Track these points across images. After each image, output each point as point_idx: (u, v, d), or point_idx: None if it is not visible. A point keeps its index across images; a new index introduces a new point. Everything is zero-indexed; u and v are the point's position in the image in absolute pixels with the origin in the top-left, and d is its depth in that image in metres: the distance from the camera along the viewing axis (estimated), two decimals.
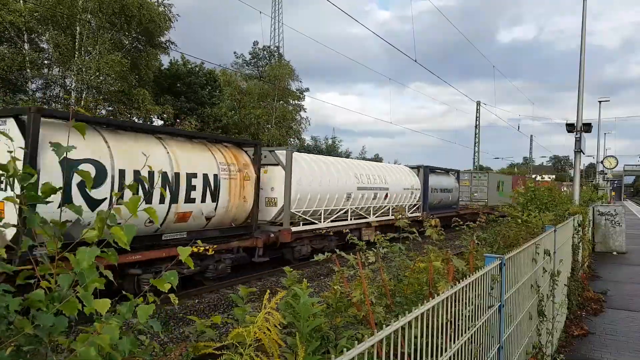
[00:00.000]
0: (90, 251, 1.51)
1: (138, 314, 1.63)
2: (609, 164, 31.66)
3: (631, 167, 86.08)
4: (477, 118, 62.60)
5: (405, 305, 2.86)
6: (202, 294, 11.24)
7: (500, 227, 6.20)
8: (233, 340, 2.29)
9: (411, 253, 3.60)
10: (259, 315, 2.36)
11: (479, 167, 61.35)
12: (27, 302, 1.49)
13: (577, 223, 9.73)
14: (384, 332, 1.85)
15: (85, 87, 20.07)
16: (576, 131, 14.90)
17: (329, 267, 12.74)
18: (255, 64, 41.82)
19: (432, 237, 3.70)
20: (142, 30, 21.90)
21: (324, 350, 2.48)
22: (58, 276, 1.53)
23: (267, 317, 2.36)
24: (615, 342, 6.95)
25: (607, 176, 46.92)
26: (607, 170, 38.21)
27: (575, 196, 14.85)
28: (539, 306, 5.26)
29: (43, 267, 1.60)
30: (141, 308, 1.63)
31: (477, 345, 3.05)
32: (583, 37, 15.36)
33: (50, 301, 1.50)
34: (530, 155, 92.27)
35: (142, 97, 21.81)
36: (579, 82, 15.44)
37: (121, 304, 1.65)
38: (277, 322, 2.37)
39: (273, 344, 2.27)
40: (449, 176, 27.93)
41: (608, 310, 8.68)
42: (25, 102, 18.23)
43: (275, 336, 2.28)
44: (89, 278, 1.50)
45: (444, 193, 25.97)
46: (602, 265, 13.51)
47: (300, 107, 38.43)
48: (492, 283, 3.47)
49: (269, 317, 2.36)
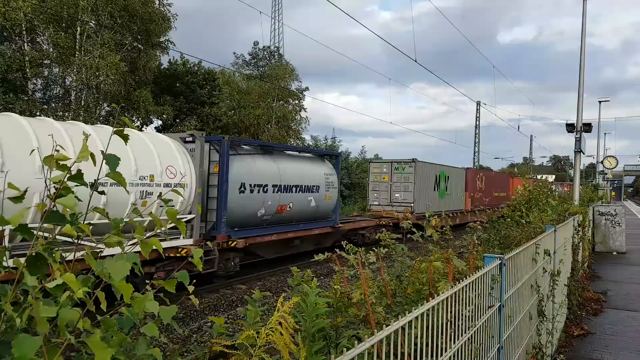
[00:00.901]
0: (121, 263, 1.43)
1: (161, 315, 1.60)
2: (609, 164, 31.63)
3: (631, 167, 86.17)
4: (477, 118, 62.61)
5: (406, 305, 2.87)
6: (202, 294, 11.24)
7: (500, 227, 6.21)
8: (244, 342, 2.28)
9: (411, 253, 3.61)
10: (272, 318, 2.34)
11: (479, 167, 61.29)
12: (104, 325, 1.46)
13: (577, 223, 9.74)
14: (384, 332, 1.85)
15: (85, 87, 20.07)
16: (576, 131, 14.91)
17: (329, 267, 12.75)
18: (255, 64, 41.82)
19: (434, 237, 3.70)
20: (143, 30, 21.92)
21: (325, 350, 2.48)
22: None
23: (280, 320, 2.34)
24: (615, 342, 6.96)
25: (607, 176, 46.92)
26: (607, 170, 38.18)
27: (575, 196, 14.86)
28: (539, 306, 5.26)
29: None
30: (163, 309, 1.60)
31: (477, 345, 3.05)
32: (583, 38, 15.37)
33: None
34: (530, 155, 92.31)
35: (143, 99, 21.82)
36: (579, 82, 15.45)
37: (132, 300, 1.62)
38: (291, 327, 2.35)
39: (284, 349, 2.25)
40: (311, 161, 16.04)
41: (608, 310, 8.68)
42: (26, 102, 18.25)
43: (287, 340, 2.27)
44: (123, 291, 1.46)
45: (297, 194, 14.49)
46: (602, 265, 13.51)
47: (300, 107, 38.44)
48: (492, 283, 3.47)
49: (282, 321, 2.35)
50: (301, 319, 2.47)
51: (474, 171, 31.34)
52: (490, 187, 31.06)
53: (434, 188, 23.31)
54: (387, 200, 22.07)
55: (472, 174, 29.36)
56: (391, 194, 22.08)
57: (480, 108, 62.14)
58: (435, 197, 23.38)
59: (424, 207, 21.37)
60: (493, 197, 30.94)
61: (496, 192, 32.26)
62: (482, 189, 29.84)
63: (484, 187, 30.22)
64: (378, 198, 22.55)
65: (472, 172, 29.74)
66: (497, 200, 31.19)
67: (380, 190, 22.52)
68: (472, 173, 29.55)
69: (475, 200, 28.17)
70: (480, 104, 62.03)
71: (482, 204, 27.58)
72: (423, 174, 22.26)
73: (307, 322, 2.42)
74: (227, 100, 31.19)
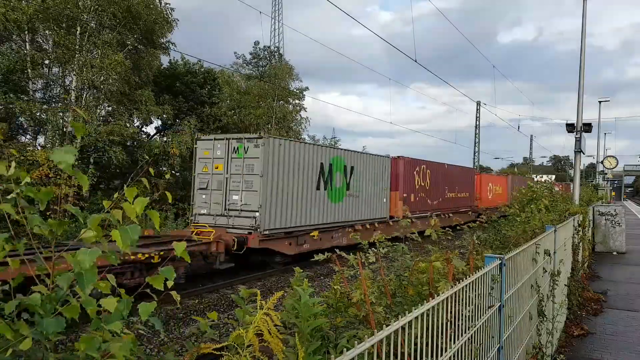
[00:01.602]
0: (91, 252, 1.49)
1: (139, 312, 1.62)
2: (609, 164, 31.62)
3: (631, 167, 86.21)
4: (477, 118, 62.58)
5: (406, 305, 2.86)
6: (202, 294, 11.25)
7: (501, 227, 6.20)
8: (233, 342, 2.29)
9: (411, 253, 3.60)
10: (256, 316, 2.36)
11: (479, 167, 61.27)
12: (24, 305, 1.48)
13: (577, 223, 9.74)
14: (384, 332, 1.85)
15: (86, 87, 20.08)
16: (576, 131, 14.90)
17: (329, 267, 12.74)
18: (256, 64, 41.83)
19: (432, 237, 3.70)
20: (145, 31, 21.93)
21: (325, 350, 2.48)
22: (56, 277, 1.52)
23: (264, 317, 2.36)
24: (615, 342, 6.95)
25: (607, 176, 46.90)
26: (607, 170, 38.18)
27: (575, 196, 14.86)
28: (539, 306, 5.26)
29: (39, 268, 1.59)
30: (142, 305, 1.62)
31: (477, 345, 3.05)
32: (583, 38, 15.37)
33: (49, 302, 1.49)
34: (530, 155, 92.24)
35: (145, 98, 21.83)
36: (579, 82, 15.45)
37: (119, 301, 1.63)
38: (277, 322, 2.37)
39: (274, 344, 2.26)
40: None
41: (608, 310, 8.68)
42: (27, 102, 18.24)
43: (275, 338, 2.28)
44: (88, 279, 1.49)
45: None
46: (602, 265, 13.51)
47: (300, 107, 38.43)
48: (492, 283, 3.47)
49: (267, 318, 2.36)
50: (296, 321, 2.48)
51: (411, 162, 21.04)
52: (441, 185, 23.94)
53: (317, 185, 14.93)
54: (221, 208, 13.41)
55: (408, 165, 20.50)
56: (227, 196, 13.39)
57: (480, 108, 62.13)
58: (322, 201, 15.20)
59: (293, 216, 13.89)
60: (447, 199, 24.66)
61: (453, 192, 25.48)
62: (427, 188, 22.27)
63: (430, 186, 22.60)
64: (207, 203, 13.72)
65: (407, 163, 20.53)
66: (454, 203, 25.44)
67: (211, 190, 13.72)
68: (407, 164, 20.50)
69: (416, 203, 21.00)
70: (480, 104, 62.02)
71: (428, 208, 21.80)
72: (287, 159, 13.63)
73: (302, 323, 2.43)
74: (227, 100, 31.19)
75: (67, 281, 1.49)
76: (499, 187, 35.88)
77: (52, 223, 1.60)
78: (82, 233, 1.58)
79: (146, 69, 23.65)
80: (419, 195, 21.45)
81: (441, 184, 24.00)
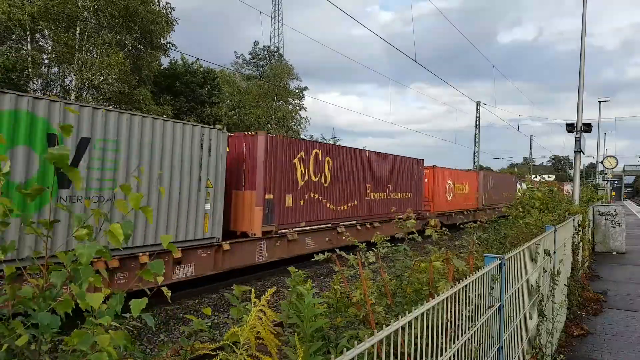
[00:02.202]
0: (89, 247, 1.48)
1: (131, 308, 1.60)
2: (609, 164, 31.62)
3: (631, 167, 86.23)
4: (477, 118, 62.61)
5: (406, 305, 2.86)
6: (202, 294, 11.25)
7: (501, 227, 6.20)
8: (229, 341, 2.29)
9: (411, 253, 3.60)
10: (250, 314, 2.36)
11: (479, 167, 61.25)
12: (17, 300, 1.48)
13: (577, 223, 9.74)
14: (384, 332, 1.85)
15: (85, 86, 20.08)
16: (576, 131, 14.90)
17: (329, 267, 12.75)
18: (255, 64, 41.86)
19: (433, 237, 3.70)
20: (144, 32, 21.93)
21: (325, 350, 2.48)
22: (50, 274, 1.51)
23: (259, 315, 2.36)
24: (615, 342, 6.96)
25: (607, 176, 46.91)
26: (607, 170, 38.18)
27: (575, 196, 14.86)
28: (539, 306, 5.26)
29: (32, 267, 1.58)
30: (134, 302, 1.60)
31: (477, 345, 3.05)
32: (583, 38, 15.37)
33: (43, 299, 1.48)
34: (530, 155, 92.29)
35: (143, 97, 21.83)
36: (579, 82, 15.45)
37: (111, 297, 1.62)
38: (271, 320, 2.37)
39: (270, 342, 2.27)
40: None
41: (608, 310, 8.68)
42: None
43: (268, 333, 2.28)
44: (84, 275, 1.48)
45: None
46: (602, 265, 13.51)
47: (300, 107, 38.43)
48: (492, 283, 3.47)
49: (261, 315, 2.36)
50: (298, 321, 2.48)
51: (287, 142, 13.50)
52: (356, 182, 16.89)
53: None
54: None
55: (275, 147, 12.87)
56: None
57: (480, 108, 62.16)
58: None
59: None
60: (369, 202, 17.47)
61: (380, 191, 18.34)
62: (325, 186, 15.17)
63: (331, 181, 15.42)
64: None
65: (280, 144, 12.99)
66: (383, 208, 18.04)
67: None
68: (279, 145, 12.99)
69: (303, 208, 14.18)
70: (480, 104, 62.05)
71: (330, 217, 15.25)
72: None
73: (304, 323, 2.43)
74: (227, 100, 31.19)
75: (61, 278, 1.48)
76: (465, 185, 27.46)
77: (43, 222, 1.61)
78: (74, 231, 1.58)
79: (146, 69, 23.66)
80: (310, 195, 14.38)
81: (357, 180, 16.87)
